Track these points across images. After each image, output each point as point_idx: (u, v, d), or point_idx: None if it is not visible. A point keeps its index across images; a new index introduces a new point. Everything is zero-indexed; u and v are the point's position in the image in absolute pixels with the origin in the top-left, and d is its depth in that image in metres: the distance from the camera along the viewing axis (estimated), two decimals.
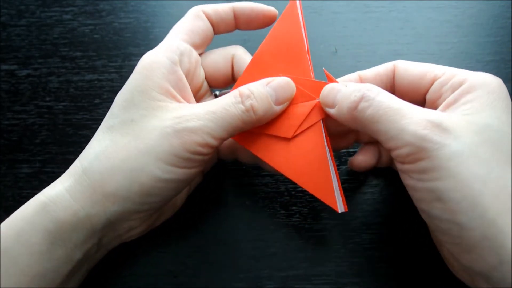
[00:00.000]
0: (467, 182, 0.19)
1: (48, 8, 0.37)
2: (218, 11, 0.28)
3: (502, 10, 0.36)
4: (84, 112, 0.33)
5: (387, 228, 0.29)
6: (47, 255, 0.22)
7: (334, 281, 0.27)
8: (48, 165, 0.31)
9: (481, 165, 0.20)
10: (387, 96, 0.22)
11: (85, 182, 0.23)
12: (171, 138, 0.23)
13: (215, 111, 0.23)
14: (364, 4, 0.37)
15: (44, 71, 0.35)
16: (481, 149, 0.20)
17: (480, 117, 0.21)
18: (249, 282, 0.28)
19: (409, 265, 0.28)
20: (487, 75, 0.23)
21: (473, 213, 0.19)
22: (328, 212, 0.29)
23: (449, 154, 0.20)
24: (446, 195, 0.20)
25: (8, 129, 0.33)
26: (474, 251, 0.20)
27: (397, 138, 0.21)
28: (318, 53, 0.35)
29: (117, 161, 0.23)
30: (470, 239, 0.19)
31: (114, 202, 0.23)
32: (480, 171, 0.19)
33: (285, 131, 0.26)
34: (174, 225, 0.29)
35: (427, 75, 0.25)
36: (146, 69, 0.25)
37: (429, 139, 0.20)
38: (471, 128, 0.21)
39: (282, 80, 0.26)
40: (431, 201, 0.21)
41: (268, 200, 0.30)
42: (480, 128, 0.21)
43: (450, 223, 0.20)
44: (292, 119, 0.26)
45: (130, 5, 0.37)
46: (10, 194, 0.31)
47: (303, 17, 0.27)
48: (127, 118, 0.24)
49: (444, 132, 0.20)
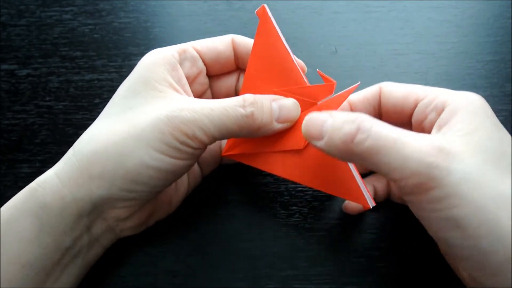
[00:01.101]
0: (482, 206, 0.19)
1: (48, 8, 0.37)
2: (245, 48, 0.28)
3: (502, 10, 0.36)
4: (84, 112, 0.33)
5: (387, 228, 0.29)
6: (35, 243, 0.22)
7: (334, 281, 0.28)
8: (48, 165, 0.31)
9: (490, 186, 0.19)
10: (383, 126, 0.21)
11: (74, 165, 0.23)
12: (163, 125, 0.23)
13: (213, 108, 0.23)
14: (364, 4, 0.37)
15: (44, 71, 0.35)
16: (486, 170, 0.20)
17: (475, 138, 0.21)
18: (249, 282, 0.28)
19: (409, 265, 0.28)
20: (468, 94, 0.23)
21: (493, 236, 0.19)
22: (328, 212, 0.29)
23: (458, 179, 0.19)
24: (465, 221, 0.19)
25: (8, 129, 0.33)
26: (499, 274, 0.19)
27: (402, 168, 0.20)
28: (318, 53, 0.35)
29: (106, 145, 0.23)
30: (494, 263, 0.19)
31: (100, 186, 0.23)
32: (492, 192, 0.19)
33: (296, 143, 0.26)
34: (173, 224, 0.29)
35: (410, 97, 0.25)
36: (150, 63, 0.25)
37: (436, 166, 0.19)
38: (471, 149, 0.20)
39: (290, 100, 0.26)
40: (449, 229, 0.20)
41: (268, 200, 0.30)
42: (479, 149, 0.20)
43: (471, 249, 0.19)
44: (299, 129, 0.24)
45: (130, 4, 0.37)
46: (10, 194, 0.30)
47: (274, 21, 0.26)
48: (126, 106, 0.24)
49: (449, 156, 0.20)
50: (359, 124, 0.21)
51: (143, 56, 0.26)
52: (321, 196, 0.30)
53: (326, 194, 0.30)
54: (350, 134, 0.21)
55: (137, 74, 0.25)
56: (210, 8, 0.37)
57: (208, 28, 0.36)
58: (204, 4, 0.37)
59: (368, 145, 0.20)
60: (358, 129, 0.21)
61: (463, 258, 0.20)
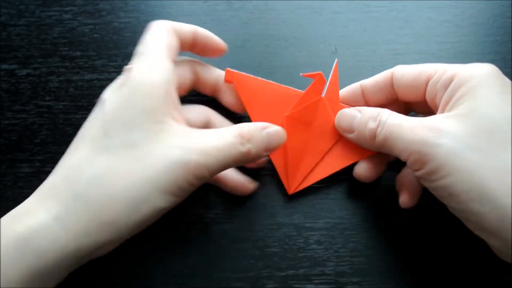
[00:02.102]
0: (470, 173, 0.21)
1: (48, 8, 0.37)
2: (183, 30, 0.28)
3: (502, 9, 0.36)
4: (84, 112, 0.33)
5: (387, 227, 0.29)
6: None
7: (334, 281, 0.28)
8: (48, 165, 0.31)
9: (479, 154, 0.21)
10: (395, 117, 0.25)
11: (81, 210, 0.21)
12: (177, 170, 0.22)
13: (220, 148, 0.23)
14: (364, 4, 0.37)
15: (44, 70, 0.35)
16: (477, 140, 0.22)
17: (472, 109, 0.22)
18: (249, 282, 0.28)
19: (409, 265, 0.28)
20: (476, 65, 0.24)
21: (482, 199, 0.21)
22: (328, 212, 0.29)
23: (446, 151, 0.22)
24: (455, 189, 0.21)
25: (8, 128, 0.33)
26: (498, 234, 0.21)
27: (403, 150, 0.24)
28: (318, 53, 0.35)
29: (119, 189, 0.21)
30: (488, 224, 0.21)
31: (110, 232, 0.21)
32: (480, 159, 0.21)
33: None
34: (173, 224, 0.29)
35: (421, 77, 0.26)
36: (145, 87, 0.23)
37: (425, 142, 0.22)
38: (465, 122, 0.22)
39: (278, 128, 0.27)
40: (445, 197, 0.23)
41: (268, 199, 0.30)
42: (473, 120, 0.22)
43: (467, 213, 0.22)
44: (320, 138, 0.29)
45: (130, 4, 0.37)
46: (10, 194, 0.31)
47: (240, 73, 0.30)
48: (128, 140, 0.22)
49: (437, 131, 0.22)
50: (379, 119, 0.25)
51: (130, 73, 0.24)
52: (321, 196, 0.30)
53: (326, 194, 0.30)
54: (373, 129, 0.26)
55: (132, 99, 0.23)
56: (210, 8, 0.37)
57: (208, 28, 0.36)
58: (204, 4, 0.37)
59: (383, 135, 0.25)
60: (378, 124, 0.25)
61: (465, 221, 0.23)
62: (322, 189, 0.30)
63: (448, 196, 0.22)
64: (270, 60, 0.35)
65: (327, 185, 0.30)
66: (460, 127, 0.22)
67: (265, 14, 0.36)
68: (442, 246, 0.28)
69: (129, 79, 0.24)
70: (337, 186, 0.30)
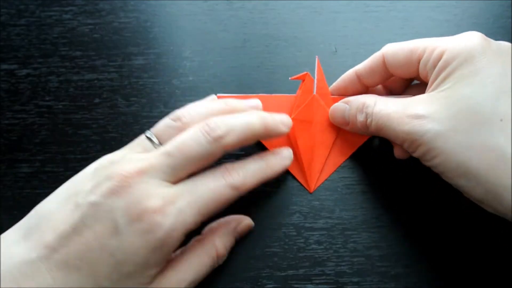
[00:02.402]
0: (455, 153, 0.23)
1: (47, 8, 0.37)
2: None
3: (502, 9, 0.36)
4: (84, 112, 0.33)
5: (387, 227, 0.29)
6: None
7: (334, 281, 0.28)
8: (48, 165, 0.31)
9: (462, 135, 0.23)
10: (380, 104, 0.27)
11: None
12: None
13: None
14: (364, 3, 0.37)
15: (43, 70, 0.35)
16: (458, 122, 0.23)
17: (455, 90, 0.24)
18: (249, 282, 0.28)
19: (409, 265, 0.28)
20: (463, 39, 0.25)
21: (468, 176, 0.23)
22: (328, 212, 0.29)
23: (432, 137, 0.24)
24: (444, 168, 0.24)
25: (7, 128, 0.33)
26: (490, 203, 0.23)
27: (396, 138, 0.26)
28: (318, 52, 0.35)
29: None
30: (478, 195, 0.23)
31: None
32: (462, 140, 0.23)
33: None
34: None
35: (412, 57, 0.27)
36: (155, 243, 0.23)
37: (413, 132, 0.24)
38: (447, 104, 0.24)
39: (248, 224, 0.29)
40: (440, 174, 0.25)
41: (267, 199, 0.30)
42: (454, 101, 0.23)
43: (459, 187, 0.24)
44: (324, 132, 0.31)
45: (130, 4, 0.37)
46: (10, 194, 0.31)
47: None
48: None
49: (422, 119, 0.24)
50: (365, 112, 0.27)
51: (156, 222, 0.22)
52: (321, 196, 0.30)
53: (326, 194, 0.30)
54: (363, 122, 0.28)
55: (133, 250, 0.22)
56: (210, 7, 0.37)
57: (208, 28, 0.36)
58: (204, 4, 0.37)
59: (373, 125, 0.27)
60: (366, 116, 0.27)
61: (465, 194, 0.25)
62: (322, 190, 0.30)
63: (441, 174, 0.25)
64: (270, 60, 0.35)
65: (327, 185, 0.30)
66: (442, 110, 0.24)
67: (265, 14, 0.36)
68: (442, 246, 0.28)
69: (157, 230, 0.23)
70: (337, 187, 0.30)
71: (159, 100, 0.33)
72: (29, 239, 0.23)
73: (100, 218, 0.23)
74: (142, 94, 0.34)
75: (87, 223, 0.23)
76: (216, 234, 0.27)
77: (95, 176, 0.24)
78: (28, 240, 0.23)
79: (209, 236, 0.27)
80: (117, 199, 0.23)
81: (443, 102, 0.24)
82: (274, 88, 0.33)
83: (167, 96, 0.33)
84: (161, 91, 0.34)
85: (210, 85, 0.34)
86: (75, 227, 0.23)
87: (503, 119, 0.22)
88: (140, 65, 0.35)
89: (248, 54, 0.35)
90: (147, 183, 0.23)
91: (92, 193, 0.23)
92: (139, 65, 0.35)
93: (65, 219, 0.23)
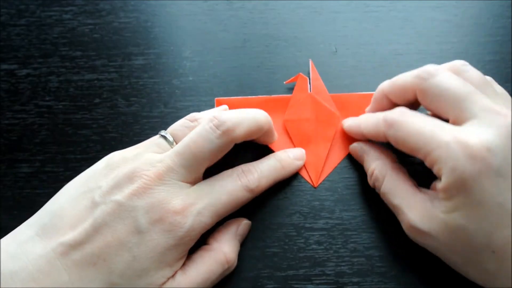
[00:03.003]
0: (453, 264, 0.25)
1: (48, 8, 0.37)
2: None
3: (503, 9, 0.36)
4: (84, 112, 0.33)
5: (387, 227, 0.29)
6: None
7: (334, 281, 0.27)
8: (48, 165, 0.31)
9: (457, 256, 0.24)
10: (388, 183, 0.27)
11: None
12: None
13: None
14: (364, 3, 0.37)
15: (43, 70, 0.35)
16: (455, 247, 0.23)
17: (454, 219, 0.23)
18: (249, 282, 0.28)
19: (409, 265, 0.28)
20: (462, 159, 0.22)
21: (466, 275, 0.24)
22: (328, 212, 0.29)
23: (431, 249, 0.25)
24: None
25: (7, 128, 0.33)
26: None
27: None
28: (318, 52, 0.35)
29: None
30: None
31: None
32: (458, 259, 0.24)
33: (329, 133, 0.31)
34: None
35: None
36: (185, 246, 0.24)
37: (414, 239, 0.26)
38: (446, 229, 0.23)
39: (246, 223, 0.29)
40: None
41: (267, 199, 0.30)
42: (453, 229, 0.23)
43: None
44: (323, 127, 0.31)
45: (130, 4, 0.37)
46: (10, 194, 0.31)
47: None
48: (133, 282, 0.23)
49: (422, 234, 0.24)
50: (375, 182, 0.28)
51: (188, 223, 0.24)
52: (321, 196, 0.30)
53: (326, 195, 0.30)
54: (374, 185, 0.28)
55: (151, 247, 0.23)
56: (210, 7, 0.37)
57: (208, 28, 0.36)
58: (204, 3, 0.37)
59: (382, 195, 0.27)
60: (375, 185, 0.28)
61: None
62: (323, 190, 0.30)
63: None
64: (270, 60, 0.35)
65: (327, 185, 0.30)
66: (442, 233, 0.23)
67: (265, 14, 0.36)
68: None
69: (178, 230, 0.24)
70: (337, 187, 0.30)
71: (159, 100, 0.33)
72: (45, 237, 0.23)
73: (122, 217, 0.23)
74: (142, 94, 0.34)
75: (108, 223, 0.23)
76: (222, 242, 0.27)
77: (110, 173, 0.25)
78: (43, 237, 0.23)
79: (216, 245, 0.27)
80: (139, 200, 0.23)
81: (443, 227, 0.23)
82: (274, 88, 0.33)
83: (167, 96, 0.33)
84: (161, 91, 0.34)
85: (210, 85, 0.34)
86: (95, 225, 0.23)
87: (495, 251, 0.22)
88: (140, 65, 0.35)
89: (248, 54, 0.35)
90: (167, 185, 0.24)
91: (112, 193, 0.24)
92: (139, 65, 0.35)
93: (83, 216, 0.23)
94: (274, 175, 0.28)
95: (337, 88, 0.33)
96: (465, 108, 0.24)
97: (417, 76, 0.26)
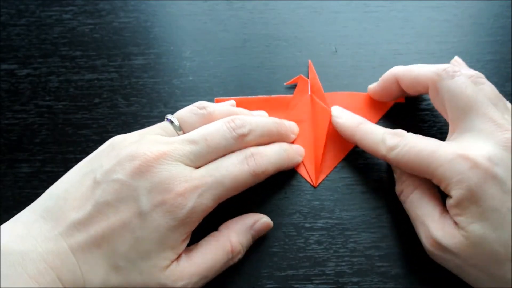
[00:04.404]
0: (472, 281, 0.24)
1: (48, 8, 0.37)
2: None
3: (502, 9, 0.36)
4: (84, 112, 0.33)
5: (387, 227, 0.29)
6: None
7: (334, 281, 0.28)
8: (48, 165, 0.31)
9: (478, 269, 0.23)
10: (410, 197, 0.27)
11: None
12: None
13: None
14: (364, 3, 0.37)
15: (44, 70, 0.35)
16: (476, 259, 0.23)
17: (471, 230, 0.23)
18: (249, 282, 0.28)
19: (409, 265, 0.28)
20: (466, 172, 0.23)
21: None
22: (328, 212, 0.29)
23: (451, 267, 0.25)
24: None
25: (7, 128, 0.33)
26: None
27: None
28: (318, 52, 0.35)
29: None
30: None
31: None
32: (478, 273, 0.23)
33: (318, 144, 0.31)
34: None
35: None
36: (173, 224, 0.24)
37: (434, 257, 0.25)
38: (466, 242, 0.23)
39: (266, 220, 0.28)
40: None
41: (267, 199, 0.30)
42: (473, 241, 0.23)
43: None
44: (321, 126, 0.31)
45: (130, 4, 0.37)
46: (10, 194, 0.31)
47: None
48: (136, 265, 0.23)
49: (443, 251, 0.24)
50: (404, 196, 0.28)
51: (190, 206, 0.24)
52: (321, 196, 0.30)
53: (326, 195, 0.30)
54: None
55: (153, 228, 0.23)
56: (210, 7, 0.37)
57: (208, 28, 0.36)
58: (204, 3, 0.37)
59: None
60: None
61: None
62: (322, 190, 0.30)
63: None
64: (270, 60, 0.35)
65: (327, 185, 0.30)
66: (462, 247, 0.23)
67: (265, 14, 0.36)
68: None
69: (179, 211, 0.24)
70: (337, 187, 0.30)
71: (159, 100, 0.33)
72: (50, 219, 0.23)
73: (124, 197, 0.23)
74: (142, 94, 0.34)
75: (110, 202, 0.23)
76: (232, 230, 0.27)
77: (112, 153, 0.25)
78: (48, 220, 0.23)
79: (225, 232, 0.27)
80: (141, 179, 0.23)
81: (464, 243, 0.23)
82: (274, 88, 0.33)
83: (167, 96, 0.33)
84: (161, 91, 0.34)
85: (210, 85, 0.34)
86: (97, 206, 0.23)
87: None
88: (140, 65, 0.35)
89: (248, 54, 0.35)
90: (170, 165, 0.24)
91: (114, 171, 0.23)
92: (139, 65, 0.35)
93: (86, 197, 0.23)
94: (280, 163, 0.28)
95: (337, 88, 0.33)
96: (472, 119, 0.24)
97: (435, 72, 0.26)
